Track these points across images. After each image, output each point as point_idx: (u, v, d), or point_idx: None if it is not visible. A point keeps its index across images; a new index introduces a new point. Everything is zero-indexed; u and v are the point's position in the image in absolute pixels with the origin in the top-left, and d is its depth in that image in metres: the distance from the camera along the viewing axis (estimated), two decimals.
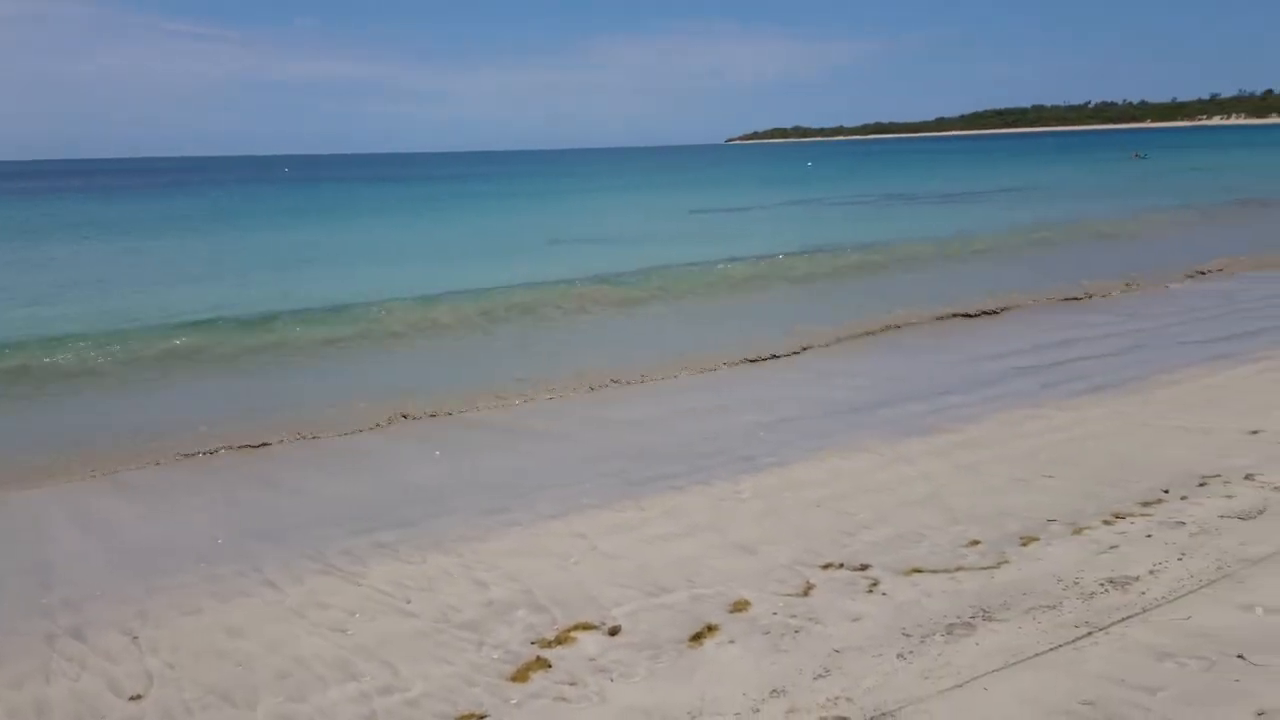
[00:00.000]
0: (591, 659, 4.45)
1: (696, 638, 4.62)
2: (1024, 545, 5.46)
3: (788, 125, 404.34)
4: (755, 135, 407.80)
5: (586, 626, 4.79)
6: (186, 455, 8.55)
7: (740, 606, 4.96)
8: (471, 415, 9.63)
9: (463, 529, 6.41)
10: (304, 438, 8.96)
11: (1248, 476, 6.15)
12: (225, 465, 8.31)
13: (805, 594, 5.04)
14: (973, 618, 4.54)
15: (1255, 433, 7.18)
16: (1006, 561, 5.21)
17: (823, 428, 8.59)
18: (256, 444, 8.79)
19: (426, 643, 4.74)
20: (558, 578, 5.47)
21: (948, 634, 4.40)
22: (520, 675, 4.35)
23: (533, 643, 4.65)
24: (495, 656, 4.54)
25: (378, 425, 9.32)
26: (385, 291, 17.05)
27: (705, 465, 7.63)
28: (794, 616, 4.77)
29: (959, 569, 5.20)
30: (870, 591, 4.99)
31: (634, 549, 5.90)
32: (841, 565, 5.40)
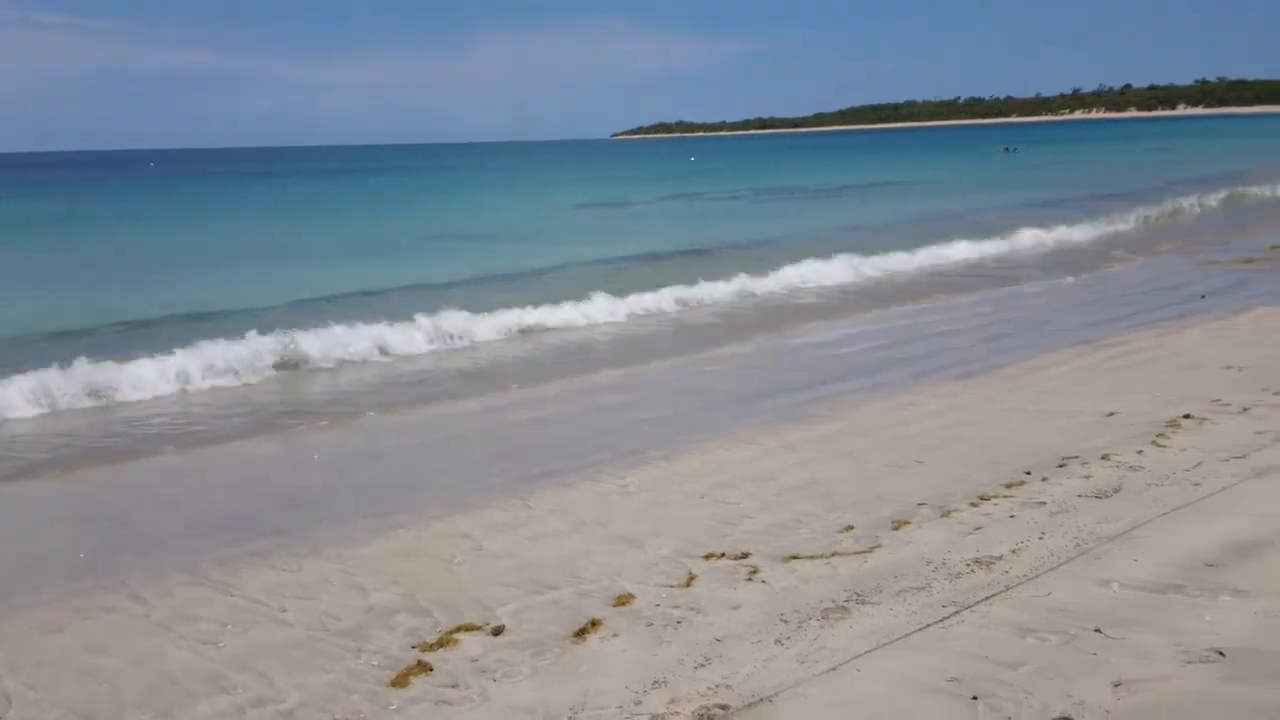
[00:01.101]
0: (474, 660, 4.41)
1: (580, 633, 4.62)
2: (896, 529, 5.64)
3: (672, 121, 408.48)
4: (641, 130, 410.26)
5: (469, 628, 4.74)
6: (46, 466, 8.14)
7: (624, 600, 4.98)
8: (355, 418, 9.43)
9: (343, 534, 6.26)
10: (176, 447, 8.62)
11: (1104, 457, 6.48)
12: (89, 477, 7.93)
13: (688, 585, 5.10)
14: (847, 601, 4.67)
15: (1111, 415, 7.57)
16: (880, 545, 5.37)
17: (709, 420, 8.70)
18: (124, 455, 8.42)
19: (303, 652, 4.62)
20: (441, 580, 5.40)
21: (823, 618, 4.52)
22: (400, 680, 4.28)
23: (414, 647, 4.58)
24: (375, 663, 4.46)
25: (253, 432, 9.04)
26: (253, 296, 16.51)
27: (593, 461, 7.63)
28: (676, 607, 4.82)
29: (835, 554, 5.34)
30: (750, 580, 5.08)
31: (520, 547, 5.87)
32: (723, 555, 5.48)
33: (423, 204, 45.61)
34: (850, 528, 5.74)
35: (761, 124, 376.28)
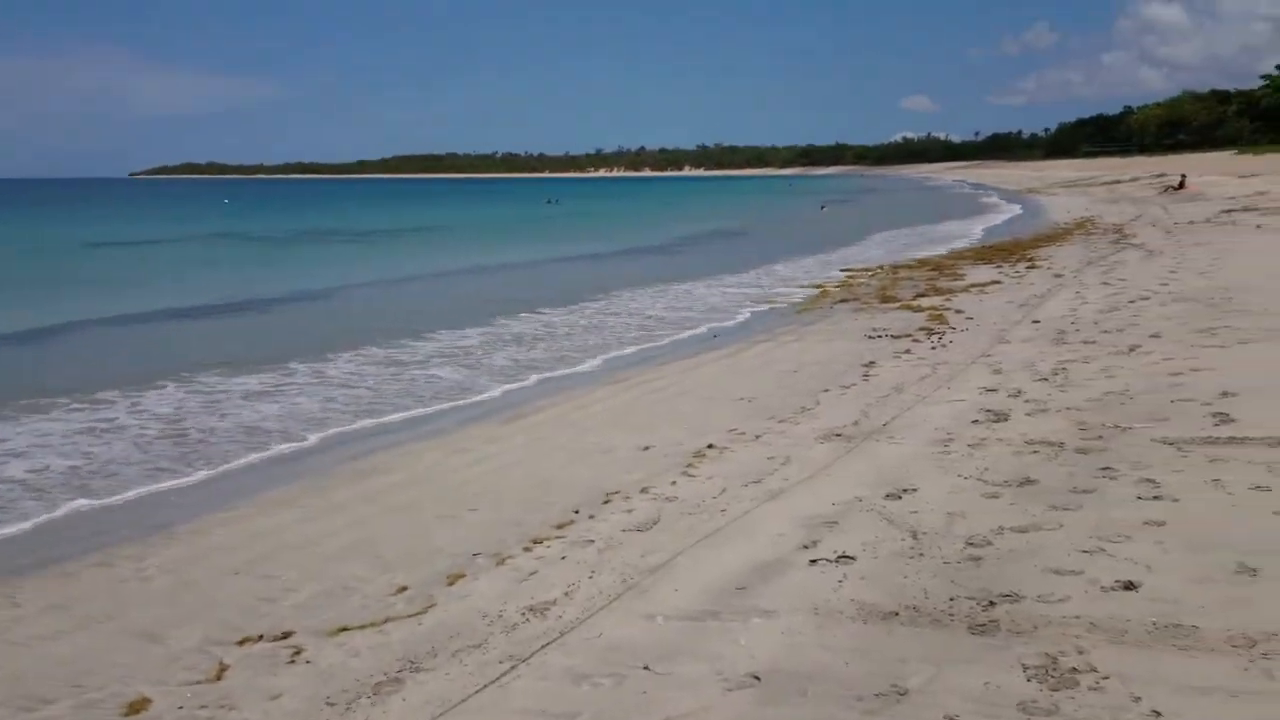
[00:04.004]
0: None
1: None
2: (451, 584, 5.43)
3: (202, 161, 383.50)
4: (165, 170, 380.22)
5: None
6: None
7: (138, 707, 4.25)
8: None
9: None
10: None
11: (644, 490, 6.80)
12: None
13: (218, 678, 4.47)
14: (400, 671, 4.35)
15: (647, 448, 8.02)
16: (434, 604, 5.12)
17: (242, 484, 7.93)
18: None
19: None
20: None
21: (374, 694, 4.16)
22: None
23: None
24: None
25: None
26: None
27: (103, 542, 6.59)
28: (204, 707, 4.19)
29: (388, 620, 5.00)
30: (293, 662, 4.58)
31: (5, 656, 4.83)
32: (261, 637, 4.90)
33: None
34: (404, 588, 5.43)
35: (303, 168, 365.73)
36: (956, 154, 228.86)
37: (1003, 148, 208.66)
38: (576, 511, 6.48)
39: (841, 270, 22.11)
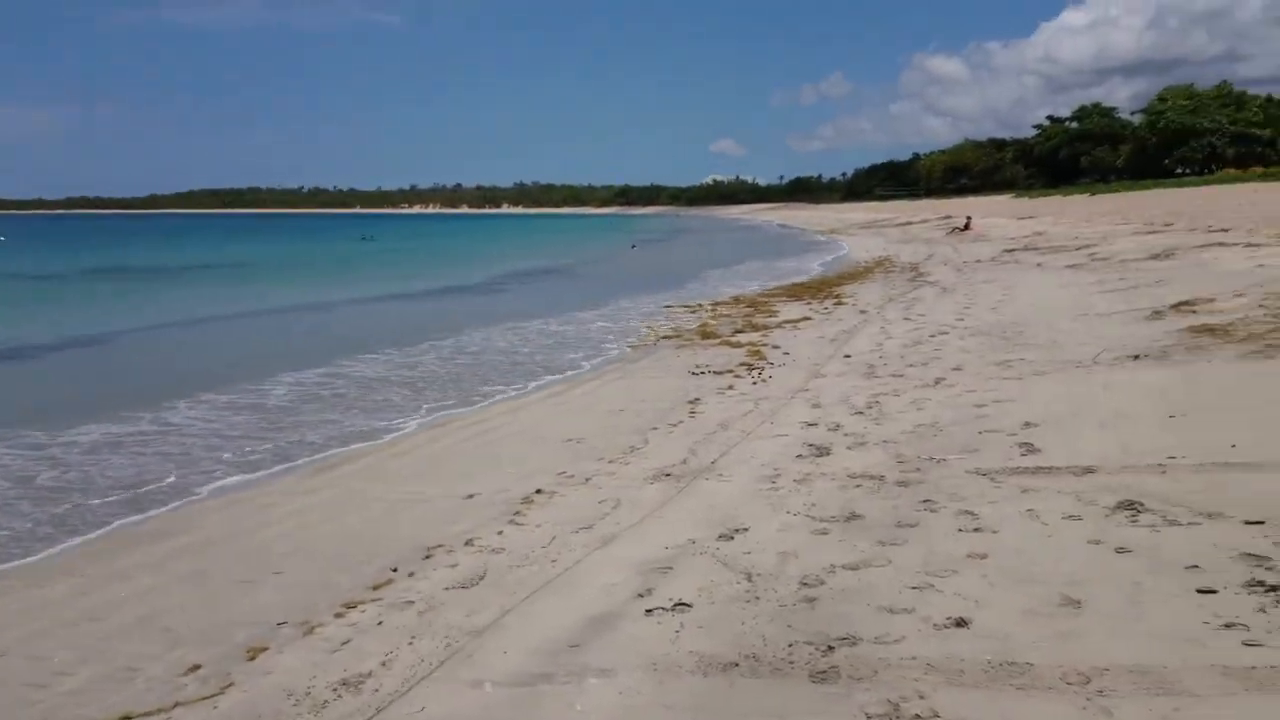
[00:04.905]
0: None
1: None
2: (251, 659, 4.90)
3: None
4: None
5: None
6: None
7: None
8: None
9: None
10: None
11: (468, 542, 6.42)
12: None
13: None
14: None
15: (472, 496, 7.64)
16: (232, 684, 4.59)
17: (7, 552, 7.02)
18: None
19: None
20: None
21: None
22: None
23: None
24: None
25: None
26: None
27: None
28: None
29: (177, 705, 4.43)
30: None
31: None
32: None
33: None
34: (196, 667, 4.85)
35: (87, 203, 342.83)
36: (763, 196, 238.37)
37: (805, 190, 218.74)
38: (394, 569, 6.03)
39: (679, 306, 22.30)
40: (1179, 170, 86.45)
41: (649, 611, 4.89)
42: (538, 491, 7.52)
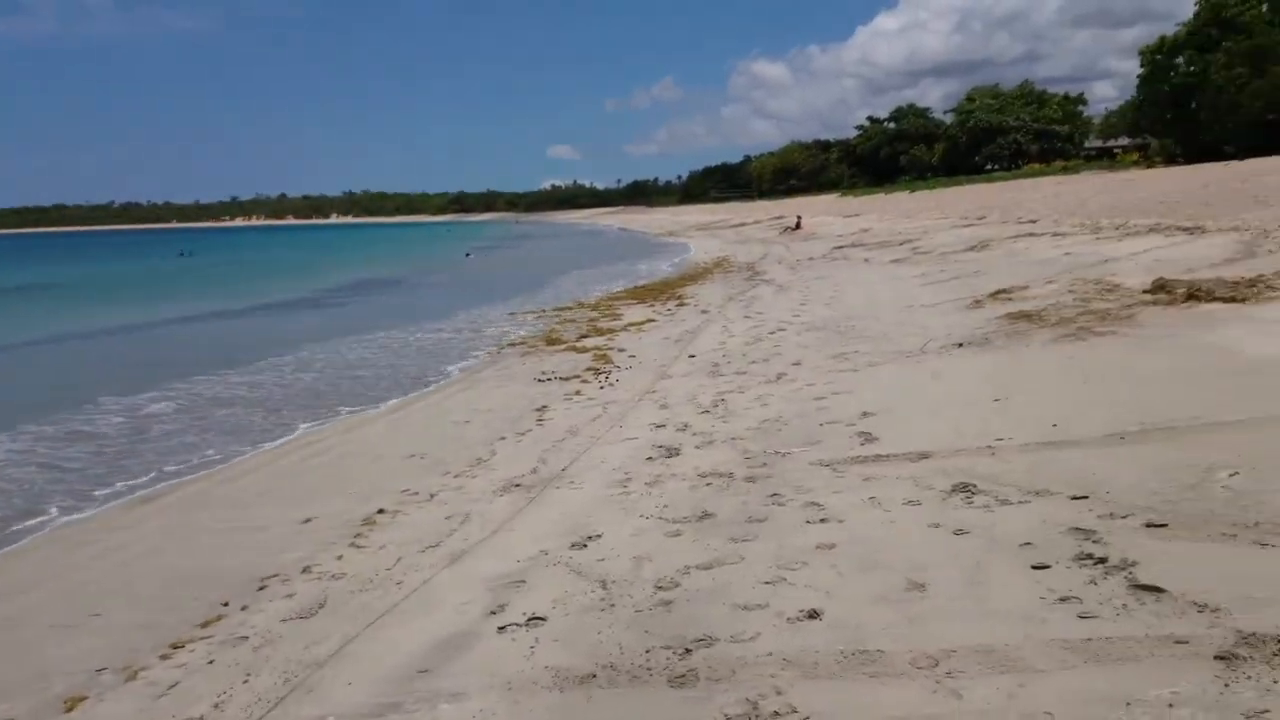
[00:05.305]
0: None
1: None
2: (69, 710, 4.49)
3: None
4: None
5: None
6: None
7: None
8: None
9: None
10: None
11: (306, 569, 6.09)
12: None
13: None
14: None
15: (309, 520, 7.27)
16: None
17: None
18: None
19: None
20: None
21: None
22: None
23: None
24: None
25: None
26: None
27: None
28: None
29: None
30: None
31: None
32: None
33: None
34: None
35: None
36: (602, 200, 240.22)
37: (642, 194, 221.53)
38: (225, 604, 5.65)
39: (521, 313, 22.03)
40: (989, 166, 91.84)
41: (502, 629, 4.73)
42: (380, 511, 7.22)
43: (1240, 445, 5.93)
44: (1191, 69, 58.69)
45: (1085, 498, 5.46)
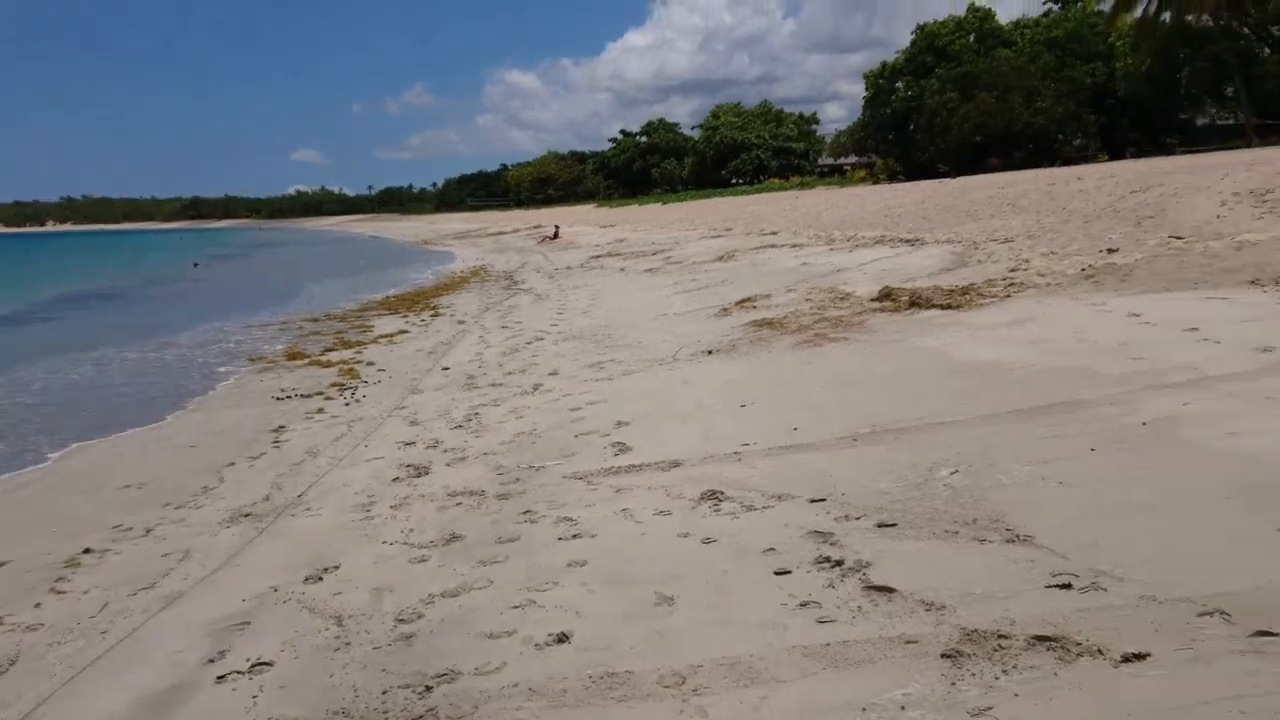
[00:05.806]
0: None
1: None
2: None
3: None
4: None
5: None
6: None
7: None
8: None
9: None
10: None
11: None
12: None
13: None
14: None
15: (4, 564, 6.36)
16: None
17: None
18: None
19: None
20: None
21: None
22: None
23: None
24: None
25: None
26: None
27: None
28: None
29: None
30: None
31: None
32: None
33: None
34: None
35: None
36: (352, 207, 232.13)
37: (396, 201, 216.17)
38: None
39: (258, 327, 20.61)
40: (734, 180, 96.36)
41: (221, 678, 4.28)
42: (86, 551, 6.43)
43: (958, 444, 6.35)
44: (909, 93, 64.19)
45: (823, 500, 5.64)
